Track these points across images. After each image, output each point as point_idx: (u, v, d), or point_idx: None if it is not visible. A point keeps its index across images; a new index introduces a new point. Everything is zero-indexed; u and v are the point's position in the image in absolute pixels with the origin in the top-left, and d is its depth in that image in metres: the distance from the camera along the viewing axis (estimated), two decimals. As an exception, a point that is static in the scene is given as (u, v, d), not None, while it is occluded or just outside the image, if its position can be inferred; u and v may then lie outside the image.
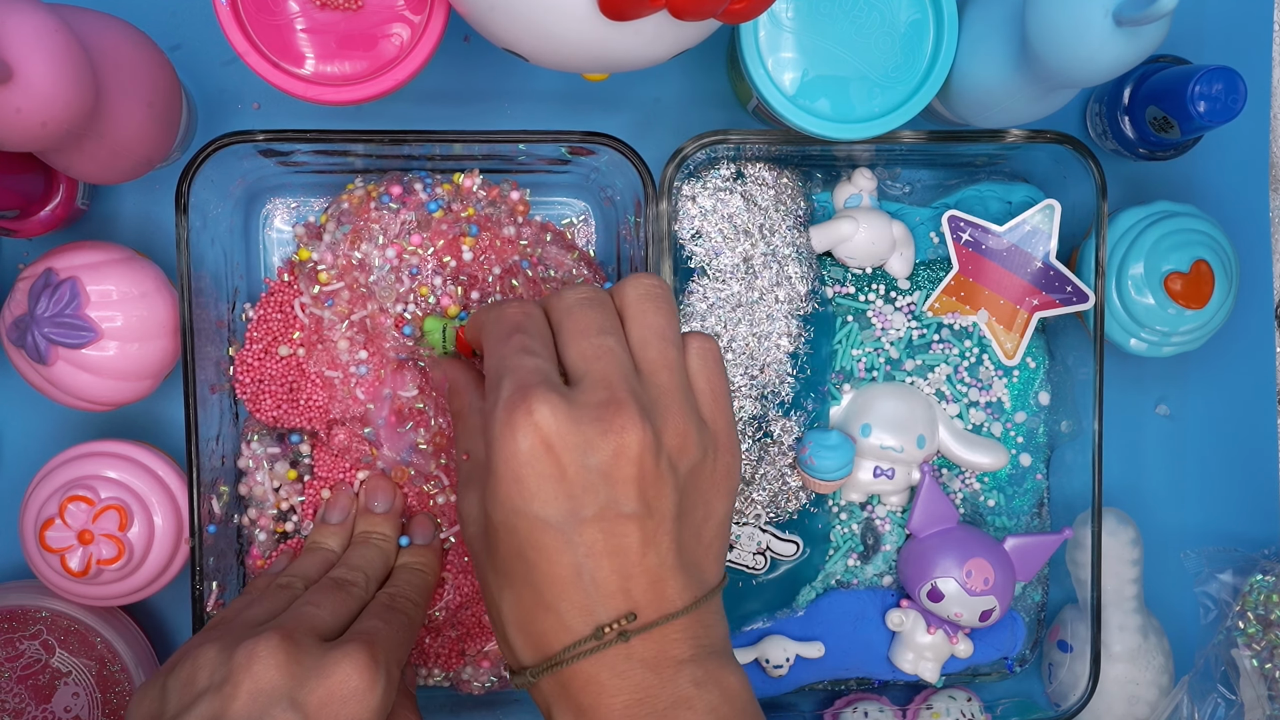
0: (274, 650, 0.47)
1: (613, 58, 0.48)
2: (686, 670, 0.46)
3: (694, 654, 0.46)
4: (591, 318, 0.49)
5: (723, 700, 0.46)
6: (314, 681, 0.47)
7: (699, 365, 0.50)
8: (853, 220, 0.63)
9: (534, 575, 0.46)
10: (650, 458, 0.46)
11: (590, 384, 0.46)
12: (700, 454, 0.48)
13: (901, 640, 0.65)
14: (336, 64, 0.54)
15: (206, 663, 0.48)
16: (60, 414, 0.65)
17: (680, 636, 0.46)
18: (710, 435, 0.49)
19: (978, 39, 0.56)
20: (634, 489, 0.45)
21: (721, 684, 0.46)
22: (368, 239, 0.58)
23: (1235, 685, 0.70)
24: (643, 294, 0.50)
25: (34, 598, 0.62)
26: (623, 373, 0.47)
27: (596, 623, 0.45)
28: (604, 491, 0.45)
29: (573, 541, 0.45)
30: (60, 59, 0.45)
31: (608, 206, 0.65)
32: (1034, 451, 0.66)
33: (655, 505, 0.46)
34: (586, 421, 0.45)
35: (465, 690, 0.63)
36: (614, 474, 0.45)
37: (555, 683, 0.46)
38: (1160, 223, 0.64)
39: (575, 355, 0.48)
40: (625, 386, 0.46)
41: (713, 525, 0.49)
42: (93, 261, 0.58)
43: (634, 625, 0.46)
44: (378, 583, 0.57)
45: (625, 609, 0.46)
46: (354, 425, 0.60)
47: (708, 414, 0.49)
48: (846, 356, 0.65)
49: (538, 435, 0.45)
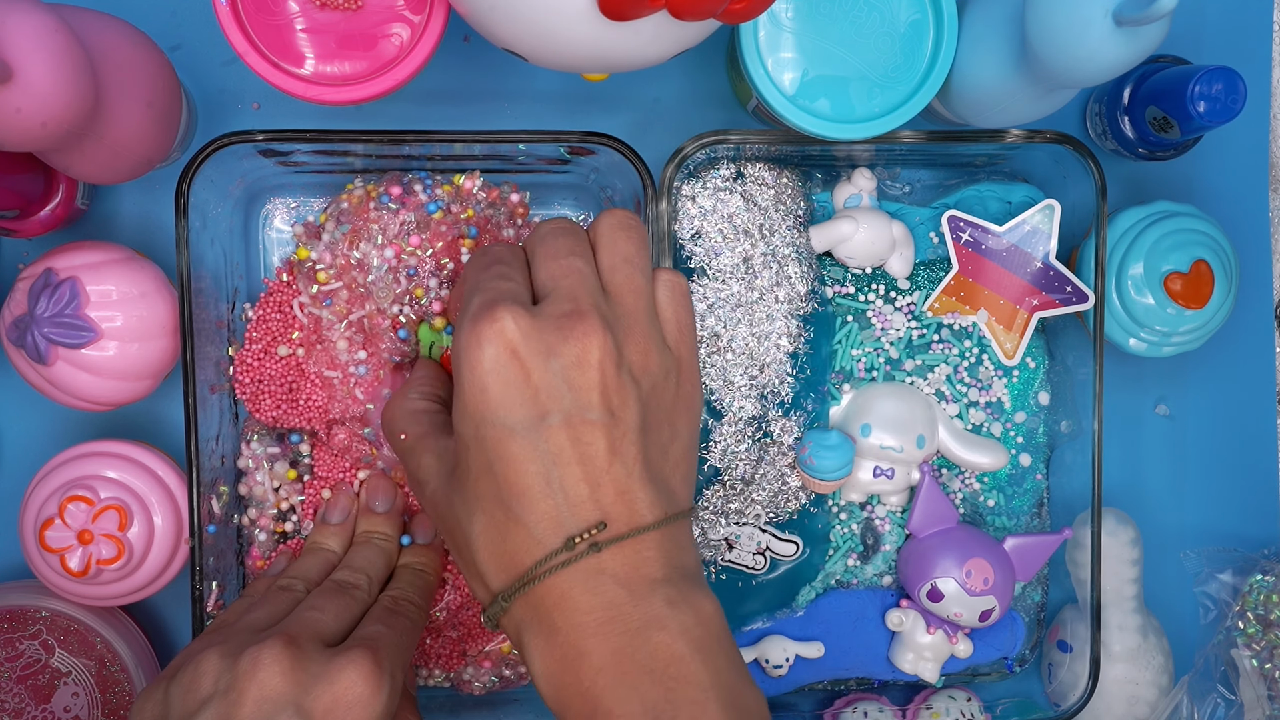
0: (279, 657, 0.47)
1: (613, 58, 0.48)
2: (660, 590, 0.46)
3: (666, 574, 0.46)
4: (562, 243, 0.50)
5: (696, 622, 0.46)
6: (319, 688, 0.47)
7: (666, 297, 0.51)
8: (852, 220, 0.63)
9: (503, 490, 0.46)
10: (611, 365, 0.47)
11: (556, 298, 0.48)
12: (662, 374, 0.49)
13: (901, 640, 0.65)
14: (336, 64, 0.54)
15: (210, 669, 0.48)
16: (60, 414, 0.65)
17: (653, 555, 0.46)
18: (673, 359, 0.50)
19: (978, 39, 0.56)
20: (597, 394, 0.46)
21: (695, 605, 0.46)
22: (367, 239, 0.58)
23: (1235, 685, 0.70)
24: (615, 224, 0.51)
25: (34, 598, 0.62)
26: (588, 289, 0.48)
27: (566, 534, 0.46)
28: (568, 397, 0.46)
29: (539, 449, 0.46)
30: (60, 59, 0.45)
31: (607, 206, 0.65)
32: (1034, 451, 0.66)
33: (619, 413, 0.47)
34: (550, 330, 0.46)
35: (466, 690, 0.63)
36: (577, 380, 0.46)
37: (527, 605, 0.46)
38: (1160, 223, 0.64)
39: (544, 276, 0.49)
40: (589, 300, 0.48)
41: (679, 446, 0.50)
42: (93, 261, 0.58)
43: (604, 535, 0.46)
44: (380, 584, 0.57)
45: (595, 519, 0.46)
46: (354, 425, 0.60)
47: (672, 341, 0.50)
48: (846, 356, 0.65)
49: (502, 342, 0.46)
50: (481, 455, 0.46)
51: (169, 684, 0.49)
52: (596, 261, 0.50)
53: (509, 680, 0.63)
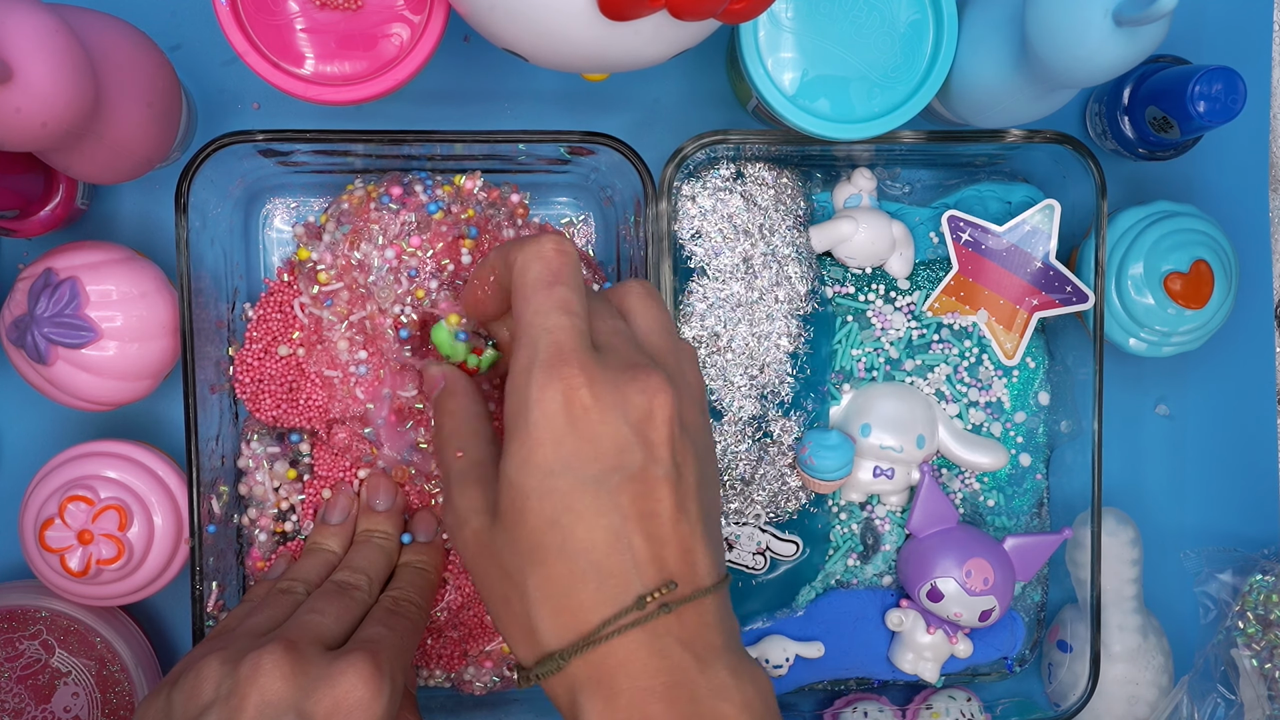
0: (279, 662, 0.47)
1: (613, 58, 0.48)
2: (723, 658, 0.45)
3: (725, 641, 0.46)
4: (604, 306, 0.50)
5: (757, 694, 0.45)
6: (320, 692, 0.47)
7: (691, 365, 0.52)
8: (852, 220, 0.63)
9: (569, 544, 0.44)
10: (677, 422, 0.46)
11: (615, 352, 0.47)
12: (707, 433, 0.50)
13: (901, 640, 0.65)
14: (336, 64, 0.54)
15: (211, 675, 0.48)
16: (60, 414, 0.65)
17: (713, 620, 0.45)
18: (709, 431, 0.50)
19: (978, 39, 0.56)
20: (666, 450, 0.45)
21: (754, 677, 0.46)
22: (367, 239, 0.58)
23: (1235, 685, 0.70)
24: (644, 293, 0.51)
25: (34, 598, 0.62)
26: (638, 347, 0.48)
27: (637, 593, 0.44)
28: (639, 452, 0.45)
29: (611, 503, 0.44)
30: (60, 59, 0.45)
31: (607, 206, 0.65)
32: (1034, 451, 0.66)
33: (683, 470, 0.46)
34: (623, 382, 0.45)
35: (467, 691, 0.63)
36: (649, 434, 0.45)
37: (587, 665, 0.44)
38: (1160, 223, 0.64)
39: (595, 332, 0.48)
40: (644, 357, 0.48)
41: (719, 510, 0.50)
42: (93, 261, 0.58)
43: (674, 596, 0.44)
44: (381, 584, 0.57)
45: (662, 578, 0.44)
46: (354, 425, 0.60)
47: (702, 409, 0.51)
48: (846, 356, 0.65)
49: (576, 393, 0.44)
50: (545, 508, 0.44)
51: (170, 690, 0.49)
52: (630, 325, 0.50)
53: (510, 680, 0.63)
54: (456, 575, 0.61)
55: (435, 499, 0.61)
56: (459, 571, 0.61)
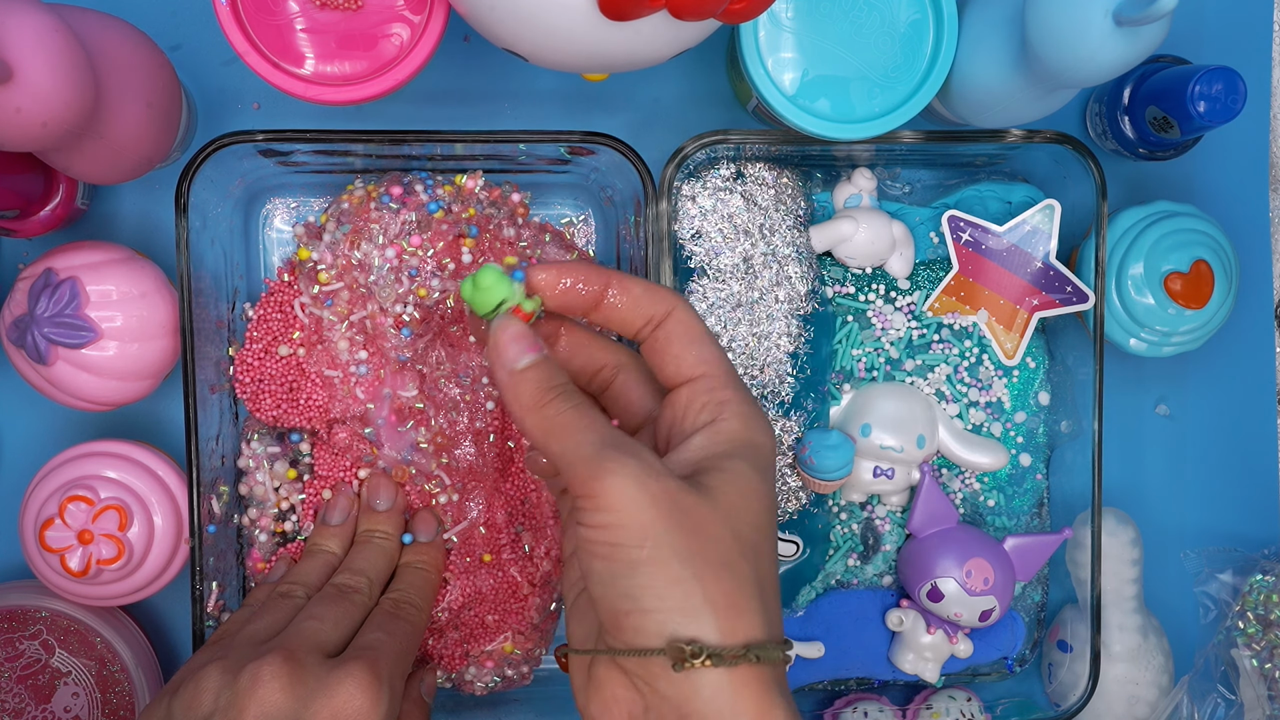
0: (277, 673, 0.48)
1: (613, 58, 0.48)
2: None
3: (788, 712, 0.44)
4: None
5: None
6: (318, 702, 0.47)
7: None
8: (853, 220, 0.63)
9: (761, 560, 0.44)
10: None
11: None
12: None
13: (901, 640, 0.65)
14: (336, 64, 0.54)
15: (210, 685, 0.48)
16: (60, 414, 0.65)
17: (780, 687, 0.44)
18: None
19: (978, 39, 0.56)
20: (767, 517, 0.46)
21: None
22: (368, 239, 0.58)
23: (1235, 685, 0.70)
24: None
25: (34, 598, 0.62)
26: None
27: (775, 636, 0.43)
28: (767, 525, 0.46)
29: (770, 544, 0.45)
30: (60, 59, 0.45)
31: (608, 206, 0.65)
32: (1034, 451, 0.66)
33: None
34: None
35: (468, 691, 0.63)
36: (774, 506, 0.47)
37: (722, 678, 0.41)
38: (1160, 223, 0.64)
39: None
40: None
41: None
42: (92, 261, 0.58)
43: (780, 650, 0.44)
44: (381, 585, 0.57)
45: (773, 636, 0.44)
46: (354, 424, 0.60)
47: None
48: (846, 356, 0.65)
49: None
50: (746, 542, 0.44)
51: (171, 700, 0.49)
52: None
53: (511, 680, 0.63)
54: (457, 575, 0.61)
55: (436, 500, 0.61)
56: (460, 572, 0.61)
